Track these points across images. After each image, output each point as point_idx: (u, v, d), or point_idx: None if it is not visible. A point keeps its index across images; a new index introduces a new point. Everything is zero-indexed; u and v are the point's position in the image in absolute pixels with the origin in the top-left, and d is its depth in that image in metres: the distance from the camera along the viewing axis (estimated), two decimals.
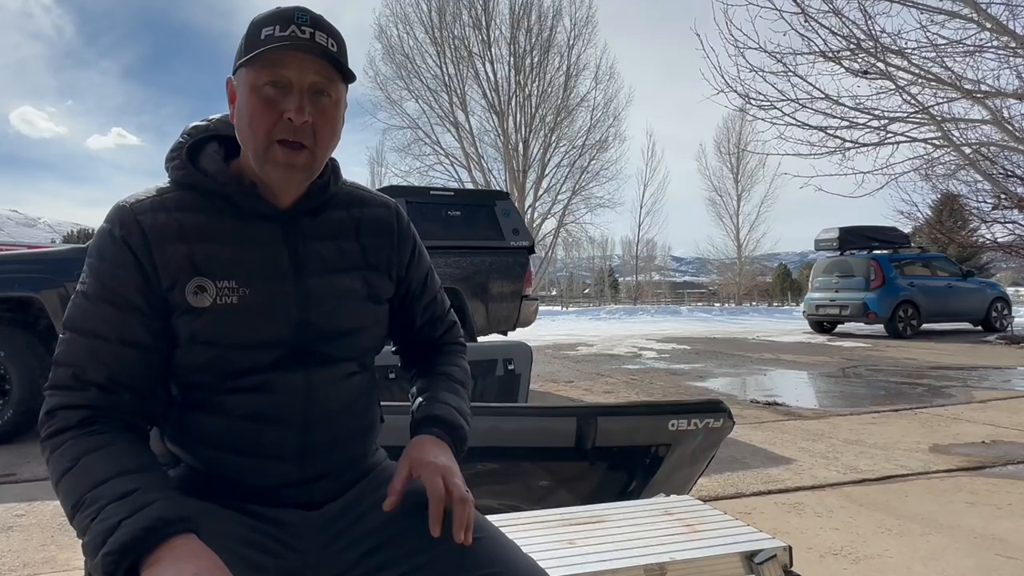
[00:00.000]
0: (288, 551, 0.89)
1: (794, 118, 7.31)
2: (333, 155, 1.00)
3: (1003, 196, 10.13)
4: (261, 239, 0.93)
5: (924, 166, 8.14)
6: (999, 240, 12.20)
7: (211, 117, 1.03)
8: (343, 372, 0.97)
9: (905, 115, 7.08)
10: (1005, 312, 13.38)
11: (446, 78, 25.44)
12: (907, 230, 14.20)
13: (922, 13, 6.43)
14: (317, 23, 0.89)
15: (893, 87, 6.85)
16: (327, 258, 0.97)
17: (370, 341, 1.02)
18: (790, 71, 7.04)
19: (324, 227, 0.98)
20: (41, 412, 0.85)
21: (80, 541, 0.77)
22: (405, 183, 23.52)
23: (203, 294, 0.88)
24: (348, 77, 0.92)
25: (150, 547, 0.71)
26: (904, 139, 7.30)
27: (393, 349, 1.19)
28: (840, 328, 13.87)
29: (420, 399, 1.06)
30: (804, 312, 14.19)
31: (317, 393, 0.93)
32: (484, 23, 25.14)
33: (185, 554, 0.72)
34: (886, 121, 7.17)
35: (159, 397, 0.92)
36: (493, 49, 25.45)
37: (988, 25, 6.33)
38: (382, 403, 1.11)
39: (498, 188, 23.67)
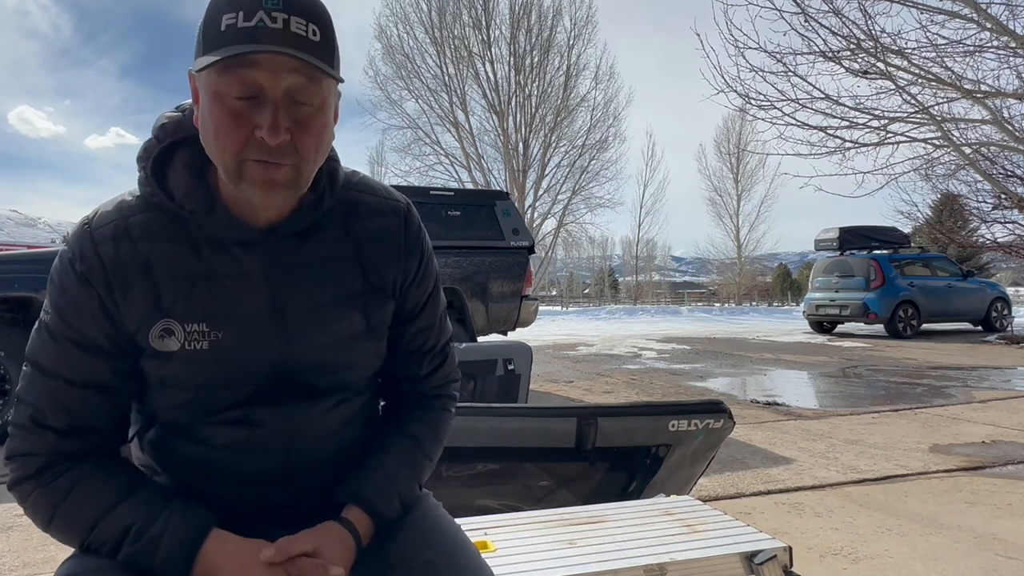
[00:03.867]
0: None
1: (794, 118, 7.33)
2: (335, 154, 0.87)
3: (1003, 196, 10.13)
4: (237, 272, 0.81)
5: (924, 166, 8.16)
6: (999, 240, 12.21)
7: (184, 105, 0.85)
8: (328, 404, 0.88)
9: (905, 115, 7.09)
10: (1005, 312, 13.38)
11: (446, 78, 25.49)
12: (907, 230, 14.22)
13: (922, 13, 6.44)
14: (291, 4, 0.71)
15: (893, 87, 6.86)
16: (317, 290, 0.85)
17: (364, 373, 0.92)
18: (790, 71, 7.05)
19: (315, 251, 0.85)
20: (4, 451, 0.79)
21: None
22: (405, 183, 23.51)
23: (170, 338, 0.79)
24: (335, 65, 0.75)
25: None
26: (904, 139, 7.31)
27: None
28: (840, 328, 13.87)
29: (368, 462, 0.91)
30: (804, 312, 14.19)
31: (299, 424, 0.86)
32: (484, 23, 25.17)
33: (227, 552, 0.77)
34: (886, 121, 7.18)
35: (124, 431, 0.88)
36: (493, 49, 25.49)
37: (988, 25, 6.34)
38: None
39: (498, 188, 23.67)
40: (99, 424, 0.81)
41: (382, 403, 1.04)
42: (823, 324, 13.53)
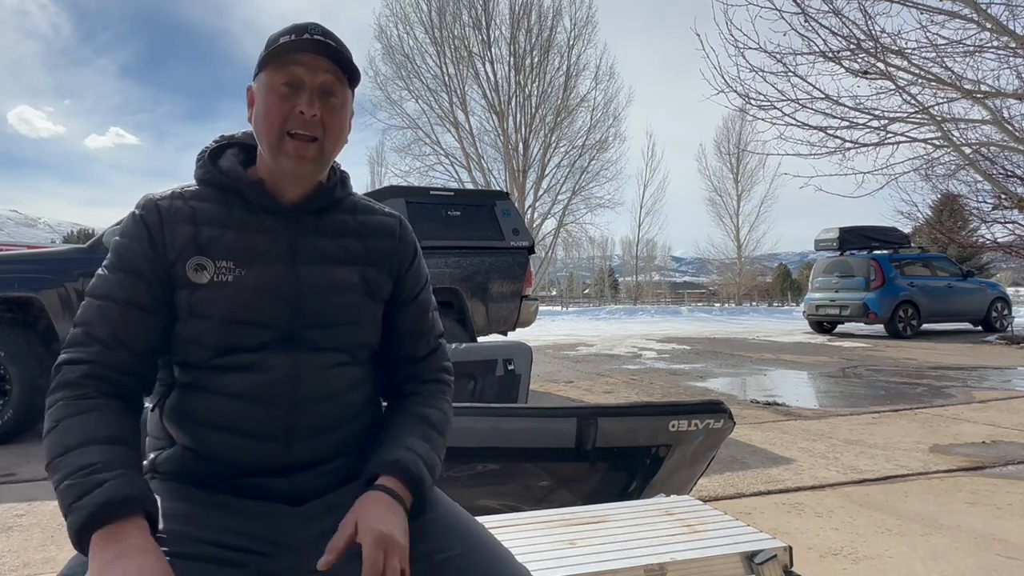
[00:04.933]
0: (271, 547, 0.90)
1: (794, 118, 7.31)
2: (341, 168, 1.09)
3: (1003, 196, 10.13)
4: (263, 228, 1.00)
5: (924, 166, 8.14)
6: (999, 240, 12.20)
7: (238, 132, 1.13)
8: (332, 361, 1.00)
9: (905, 115, 7.08)
10: (1005, 312, 13.37)
11: (446, 78, 25.46)
12: (907, 230, 14.20)
13: (922, 13, 6.44)
14: (327, 33, 0.99)
15: (893, 87, 6.85)
16: (326, 251, 1.02)
17: (363, 337, 1.04)
18: (790, 71, 7.04)
19: (328, 226, 1.04)
20: (54, 365, 0.92)
21: None
22: (405, 183, 23.51)
23: (202, 271, 0.96)
24: (354, 78, 1.01)
25: (98, 527, 0.77)
26: (904, 139, 7.30)
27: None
28: (840, 328, 13.87)
29: (386, 440, 1.00)
30: (804, 312, 14.19)
31: (304, 377, 0.97)
32: (484, 23, 25.15)
33: (130, 548, 0.76)
34: (886, 121, 7.18)
35: (155, 363, 0.99)
36: (493, 49, 25.47)
37: (988, 25, 6.33)
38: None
39: (498, 188, 23.67)
40: (134, 343, 0.94)
41: (390, 401, 1.12)
42: (823, 324, 13.53)
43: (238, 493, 0.95)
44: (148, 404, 1.04)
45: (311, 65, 0.98)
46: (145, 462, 1.00)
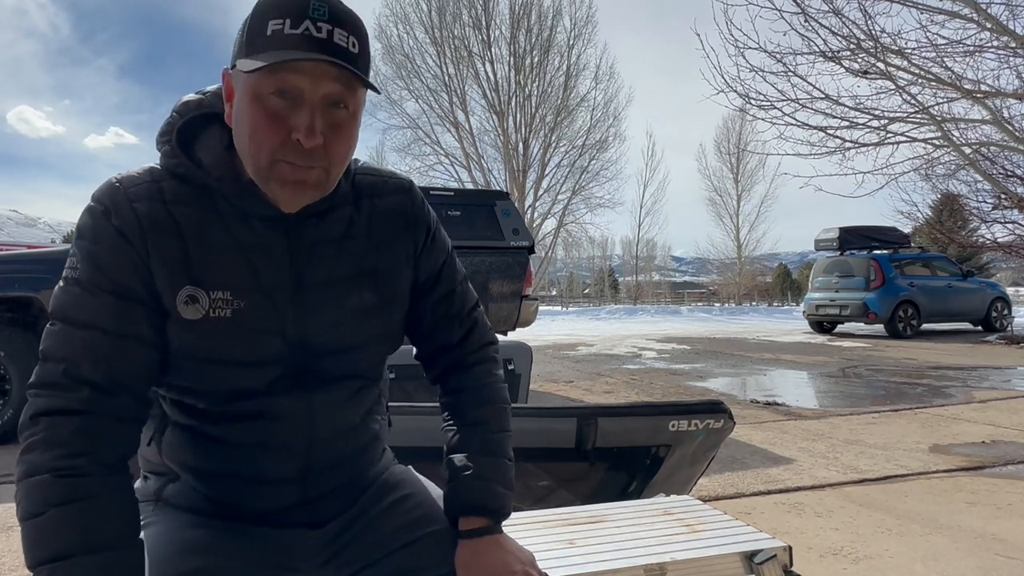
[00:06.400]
0: (289, 573, 0.87)
1: (794, 118, 7.33)
2: None
3: (1003, 196, 10.13)
4: (261, 245, 0.82)
5: (924, 166, 8.15)
6: (999, 240, 12.21)
7: (206, 90, 0.88)
8: (349, 390, 0.90)
9: (905, 115, 7.09)
10: (1005, 312, 13.37)
11: (446, 78, 25.47)
12: (907, 230, 14.21)
13: (922, 13, 6.44)
14: (336, 16, 0.74)
15: (893, 87, 6.86)
16: (333, 265, 0.87)
17: (377, 355, 0.95)
18: (790, 71, 7.05)
19: (332, 228, 0.87)
20: (23, 414, 0.74)
21: None
22: None
23: (194, 305, 0.79)
24: (369, 87, 0.79)
25: None
26: (904, 139, 7.31)
27: (414, 353, 1.04)
28: (840, 328, 13.87)
29: (455, 470, 0.92)
30: (804, 312, 14.18)
31: (320, 417, 0.87)
32: (484, 23, 25.15)
33: None
34: (886, 121, 7.18)
35: (153, 403, 0.86)
36: (493, 49, 25.48)
37: (988, 25, 6.34)
38: (389, 404, 1.09)
39: (498, 188, 23.66)
40: (134, 383, 0.77)
41: (440, 400, 1.02)
42: (823, 324, 13.53)
43: (255, 523, 0.88)
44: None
45: (313, 73, 0.73)
46: (138, 483, 0.91)
